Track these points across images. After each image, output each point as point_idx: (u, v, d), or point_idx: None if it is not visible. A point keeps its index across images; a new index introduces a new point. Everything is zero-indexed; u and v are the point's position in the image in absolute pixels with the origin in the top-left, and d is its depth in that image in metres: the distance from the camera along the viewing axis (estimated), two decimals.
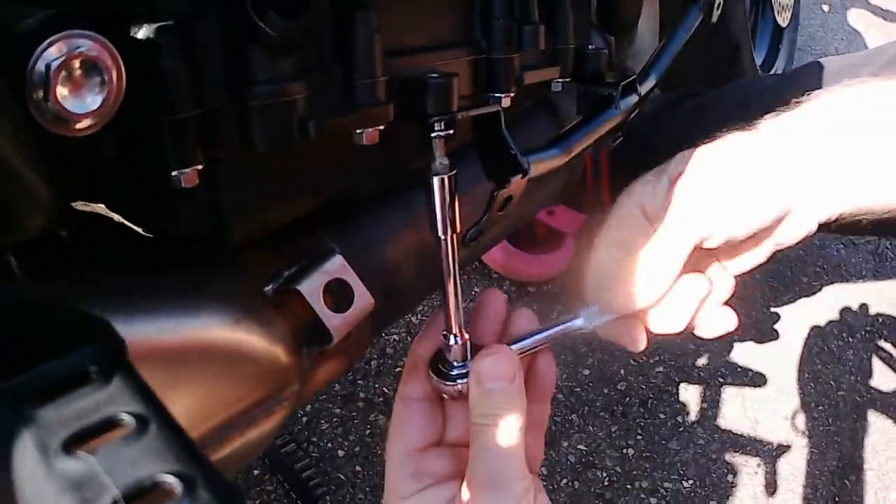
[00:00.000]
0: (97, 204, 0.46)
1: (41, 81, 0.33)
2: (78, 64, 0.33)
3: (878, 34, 3.00)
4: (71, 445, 0.20)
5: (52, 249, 0.46)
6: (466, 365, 0.53)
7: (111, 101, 0.35)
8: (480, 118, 0.56)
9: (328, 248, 0.53)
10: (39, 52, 0.33)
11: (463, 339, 0.53)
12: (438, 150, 0.50)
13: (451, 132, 0.50)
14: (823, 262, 1.80)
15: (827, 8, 3.11)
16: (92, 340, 0.26)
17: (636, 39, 0.96)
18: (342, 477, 1.05)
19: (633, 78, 0.73)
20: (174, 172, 0.40)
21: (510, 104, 0.60)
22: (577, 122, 0.68)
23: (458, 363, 0.53)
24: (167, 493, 0.18)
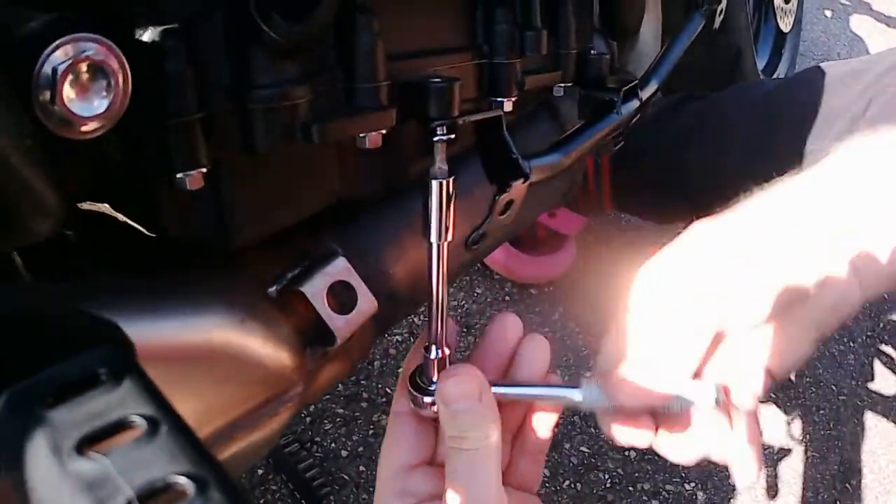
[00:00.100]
0: (102, 205, 0.46)
1: (48, 84, 0.33)
2: (85, 68, 0.34)
3: (880, 40, 3.00)
4: (84, 447, 0.21)
5: (56, 249, 0.46)
6: None
7: (117, 104, 0.36)
8: (482, 122, 0.56)
9: (331, 250, 0.54)
10: (45, 55, 0.33)
11: (443, 353, 0.50)
12: (440, 154, 0.50)
13: (453, 136, 0.50)
14: None
15: (829, 13, 3.12)
16: (101, 343, 0.26)
17: (638, 44, 0.96)
18: (346, 477, 1.05)
19: (634, 83, 0.73)
20: (179, 175, 0.40)
21: (512, 108, 0.61)
22: (578, 126, 0.68)
23: (435, 379, 0.50)
24: (180, 493, 0.18)
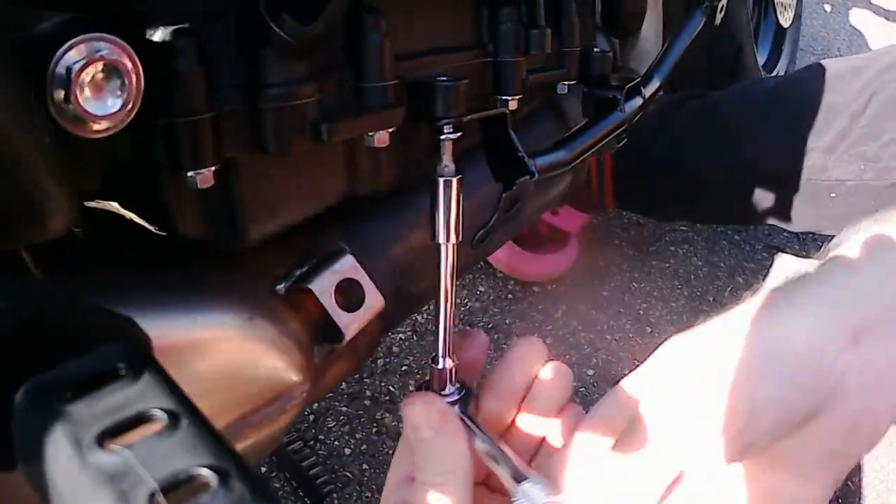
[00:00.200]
0: (110, 202, 0.47)
1: (62, 84, 0.34)
2: (100, 67, 0.34)
3: (879, 33, 3.00)
4: (104, 440, 0.21)
5: (63, 246, 0.47)
6: (454, 391, 0.49)
7: (130, 103, 0.36)
8: (488, 120, 0.56)
9: (339, 248, 0.54)
10: (60, 54, 0.33)
11: (452, 363, 0.49)
12: (446, 152, 0.50)
13: (459, 135, 0.51)
14: None
15: (829, 8, 3.11)
16: (118, 338, 0.27)
17: (640, 42, 0.97)
18: (349, 475, 1.05)
19: (637, 81, 0.73)
20: (190, 173, 0.41)
21: (517, 106, 0.61)
22: (582, 124, 0.68)
23: (443, 391, 0.49)
24: (203, 485, 0.19)
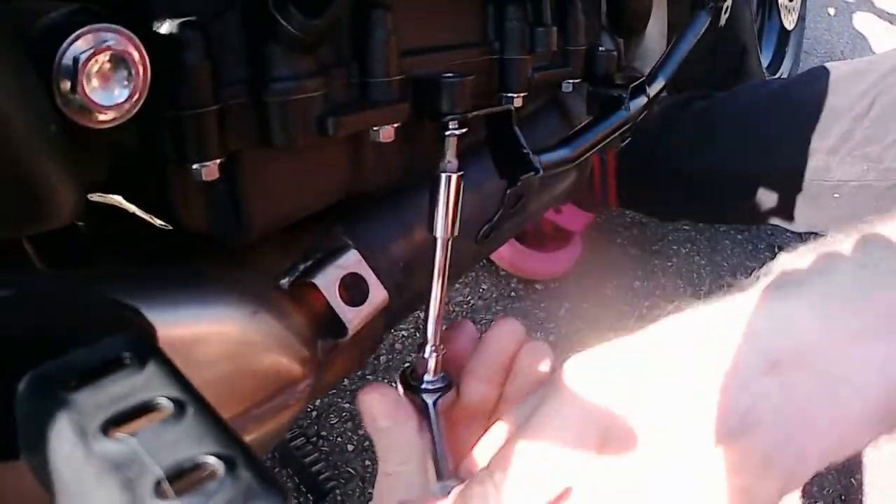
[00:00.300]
0: (114, 195, 0.47)
1: (69, 73, 0.34)
2: (107, 57, 0.34)
3: (883, 37, 3.00)
4: (109, 428, 0.21)
5: (67, 238, 0.47)
6: (437, 380, 0.49)
7: (137, 94, 0.36)
8: (493, 117, 0.56)
9: (343, 243, 0.54)
10: (67, 44, 0.33)
11: (437, 351, 0.49)
12: (450, 148, 0.50)
13: (464, 131, 0.51)
14: None
15: (833, 11, 3.11)
16: (124, 328, 0.27)
17: (645, 41, 0.97)
18: (352, 471, 1.05)
19: (642, 80, 0.73)
20: (195, 166, 0.41)
21: (522, 104, 0.61)
22: (587, 122, 0.68)
23: (427, 378, 0.49)
24: (209, 473, 0.19)
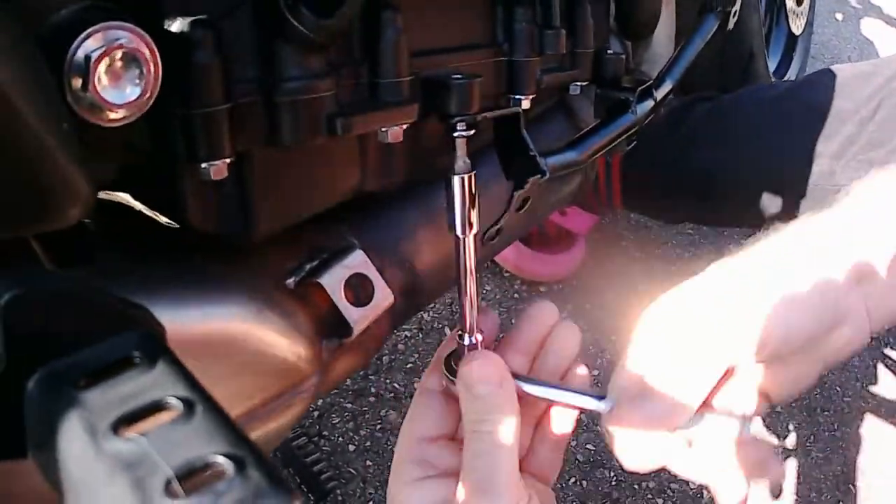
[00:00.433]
0: (121, 193, 0.47)
1: (80, 71, 0.34)
2: (119, 55, 0.34)
3: (890, 43, 2.99)
4: (119, 427, 0.21)
5: (74, 236, 0.47)
6: None
7: (148, 92, 0.36)
8: (501, 119, 0.56)
9: (349, 243, 0.54)
10: (79, 42, 0.34)
11: (476, 339, 0.52)
12: (460, 150, 0.50)
13: (472, 132, 0.51)
14: None
15: (841, 16, 3.11)
16: (133, 327, 0.27)
17: (652, 45, 0.97)
18: (353, 471, 1.06)
19: (649, 83, 0.73)
20: (204, 165, 0.41)
21: (530, 106, 0.61)
22: (594, 125, 0.68)
23: None
24: (219, 472, 0.19)
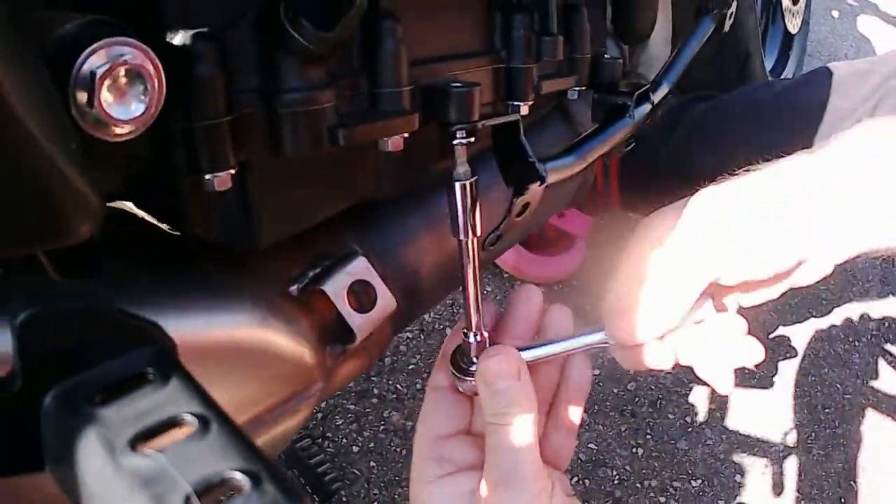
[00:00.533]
0: (124, 202, 0.47)
1: (85, 87, 0.34)
2: (123, 72, 0.35)
3: (887, 40, 3.00)
4: (137, 444, 0.22)
5: (78, 246, 0.47)
6: None
7: (153, 108, 0.36)
8: (500, 126, 0.57)
9: (352, 249, 0.55)
10: (83, 58, 0.34)
11: (482, 336, 0.53)
12: (460, 156, 0.51)
13: (472, 140, 0.51)
14: None
15: (837, 14, 3.12)
16: (145, 342, 0.27)
17: (649, 48, 0.97)
18: (357, 472, 1.06)
19: (646, 87, 0.74)
20: (207, 176, 0.41)
21: (528, 112, 0.61)
22: (592, 130, 0.69)
23: (476, 360, 0.53)
24: (236, 488, 0.19)
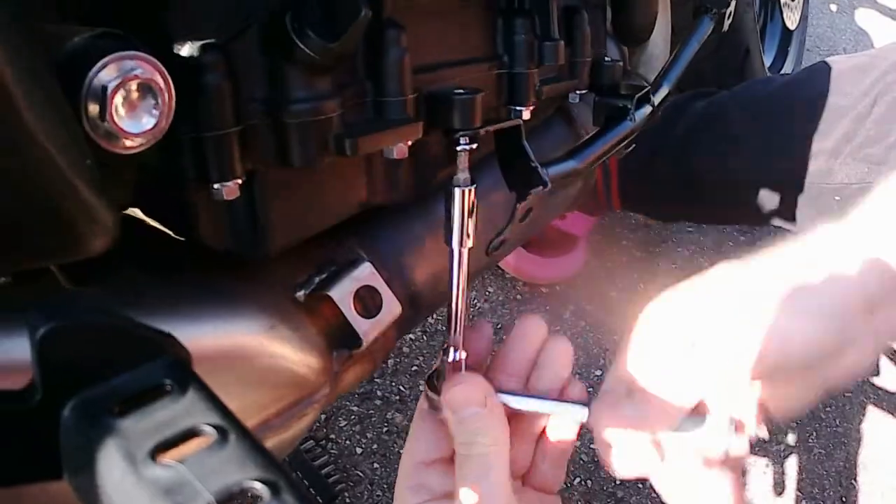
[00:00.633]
0: (132, 208, 0.48)
1: (97, 100, 0.35)
2: (134, 86, 0.35)
3: (885, 33, 3.00)
4: (157, 454, 0.22)
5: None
6: None
7: (164, 121, 0.37)
8: (502, 131, 0.57)
9: (357, 255, 0.55)
10: (94, 72, 0.34)
11: (460, 356, 0.52)
12: (462, 163, 0.51)
13: (475, 146, 0.52)
14: None
15: (835, 8, 3.12)
16: (161, 353, 0.28)
17: (648, 48, 0.98)
18: (360, 474, 1.07)
19: (647, 89, 0.74)
20: (216, 185, 0.42)
21: (530, 116, 0.62)
22: (593, 133, 0.69)
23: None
24: (255, 497, 0.20)
